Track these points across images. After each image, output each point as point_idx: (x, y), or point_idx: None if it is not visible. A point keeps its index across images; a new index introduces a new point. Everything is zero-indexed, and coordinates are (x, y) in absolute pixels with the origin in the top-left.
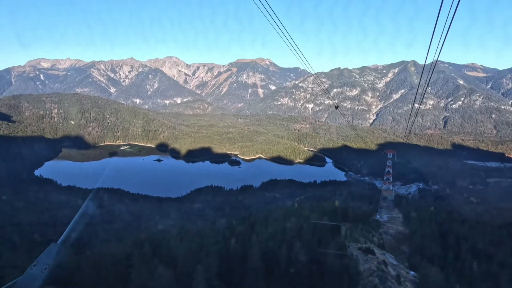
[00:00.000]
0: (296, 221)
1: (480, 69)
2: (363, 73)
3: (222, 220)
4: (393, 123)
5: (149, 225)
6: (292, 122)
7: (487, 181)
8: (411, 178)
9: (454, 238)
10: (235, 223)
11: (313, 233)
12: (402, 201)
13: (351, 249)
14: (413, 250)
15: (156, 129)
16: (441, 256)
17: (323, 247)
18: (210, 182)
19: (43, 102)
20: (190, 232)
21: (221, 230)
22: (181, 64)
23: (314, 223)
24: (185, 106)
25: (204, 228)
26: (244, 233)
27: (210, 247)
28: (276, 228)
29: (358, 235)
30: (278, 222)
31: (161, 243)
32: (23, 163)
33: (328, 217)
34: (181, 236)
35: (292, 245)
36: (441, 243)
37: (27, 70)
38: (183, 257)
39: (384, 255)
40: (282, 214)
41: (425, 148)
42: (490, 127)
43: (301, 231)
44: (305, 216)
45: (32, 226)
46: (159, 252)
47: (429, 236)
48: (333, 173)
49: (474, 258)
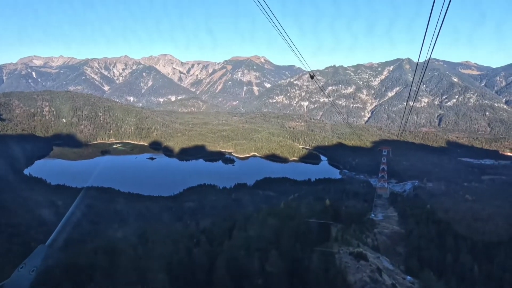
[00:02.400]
0: (279, 223)
1: (474, 67)
2: (358, 71)
3: (206, 221)
4: (388, 121)
5: (128, 227)
6: (287, 120)
7: (482, 178)
8: (406, 176)
9: (452, 238)
10: (215, 226)
11: (297, 237)
12: (397, 199)
13: (342, 254)
14: (410, 252)
15: (149, 127)
16: (439, 258)
17: (306, 254)
18: (203, 180)
19: (34, 100)
20: (159, 236)
21: (197, 233)
22: (176, 61)
23: (299, 225)
24: (179, 104)
25: (179, 232)
26: (218, 238)
27: (173, 255)
28: (255, 231)
29: (350, 236)
30: (259, 225)
31: (126, 250)
32: (12, 162)
33: (317, 218)
34: (149, 242)
35: (267, 253)
36: (439, 244)
37: (19, 67)
38: (138, 267)
39: (378, 259)
40: (265, 215)
41: (420, 146)
42: (484, 124)
43: (282, 235)
44: (291, 217)
45: (13, 227)
46: (118, 260)
47: (426, 237)
48: (327, 171)
49: (474, 260)
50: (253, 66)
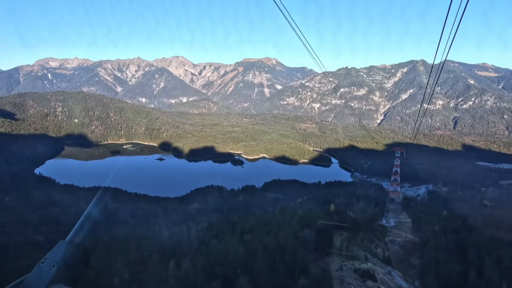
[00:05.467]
0: (263, 235)
1: (491, 69)
2: (371, 73)
3: (202, 225)
4: (401, 123)
5: (120, 229)
6: (298, 122)
7: (500, 183)
8: (419, 179)
9: (474, 250)
10: (201, 233)
11: (282, 254)
12: (410, 204)
13: (344, 271)
14: (426, 265)
15: (159, 128)
16: (461, 274)
17: (293, 279)
18: (212, 182)
19: (48, 100)
20: (141, 247)
21: (183, 242)
22: (188, 63)
23: (287, 237)
24: (190, 105)
25: (167, 240)
26: (194, 251)
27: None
28: (226, 248)
29: (357, 247)
30: (237, 238)
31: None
32: (23, 161)
33: (319, 225)
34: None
35: (233, 280)
36: (459, 257)
37: (35, 69)
38: None
39: (389, 274)
40: (253, 224)
41: (434, 149)
42: (502, 128)
43: (263, 252)
44: (283, 226)
45: (15, 227)
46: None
47: (444, 248)
48: (338, 174)
49: (501, 277)
50: (264, 67)
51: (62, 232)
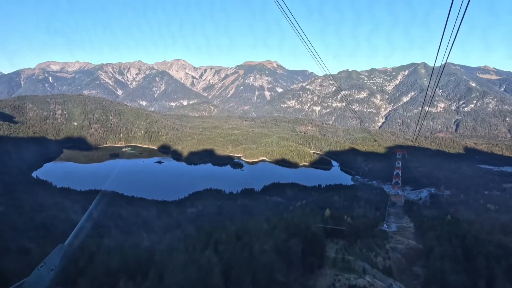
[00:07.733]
0: (237, 248)
1: (493, 71)
2: (372, 75)
3: (183, 233)
4: (402, 126)
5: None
6: (298, 124)
7: (503, 186)
8: (421, 183)
9: (483, 258)
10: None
11: (256, 271)
12: (412, 208)
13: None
14: (430, 275)
15: (159, 131)
16: (468, 285)
17: None
18: (210, 185)
19: (47, 103)
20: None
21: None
22: (188, 66)
23: (263, 251)
24: (191, 108)
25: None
26: (156, 263)
27: None
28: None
29: (355, 256)
30: (217, 248)
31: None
32: (20, 164)
33: (310, 233)
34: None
35: None
36: (466, 266)
37: (36, 72)
38: None
39: (390, 287)
40: (232, 234)
41: (436, 152)
42: (504, 130)
43: (231, 270)
44: (270, 235)
45: (1, 232)
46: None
47: (450, 256)
48: (339, 177)
49: None
50: (265, 70)
51: (50, 237)
